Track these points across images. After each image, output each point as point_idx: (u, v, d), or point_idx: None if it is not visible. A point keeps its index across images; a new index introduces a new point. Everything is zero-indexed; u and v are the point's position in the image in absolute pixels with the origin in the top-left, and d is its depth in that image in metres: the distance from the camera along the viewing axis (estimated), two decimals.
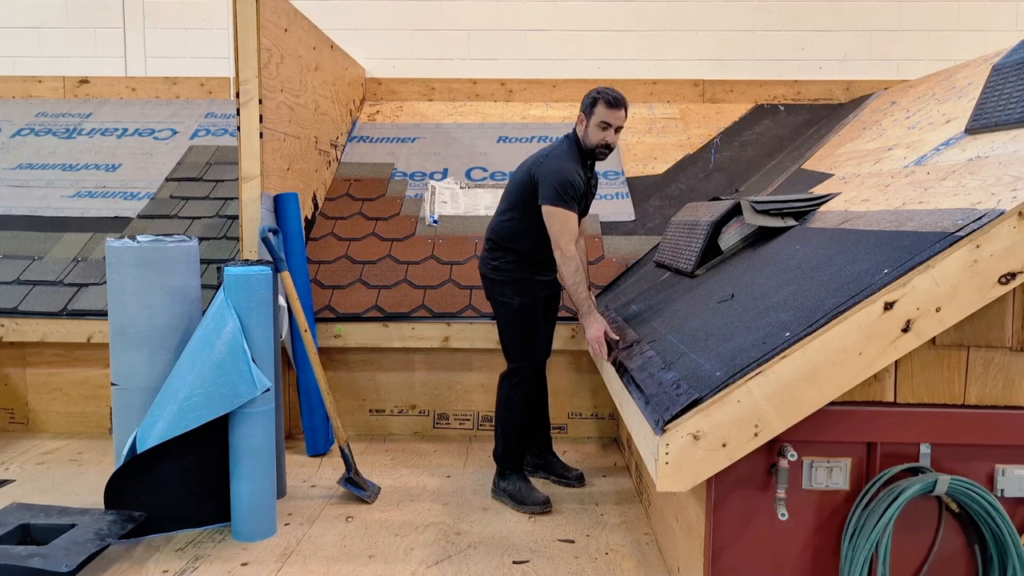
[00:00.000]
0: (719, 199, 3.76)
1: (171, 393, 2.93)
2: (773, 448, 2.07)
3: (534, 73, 5.82)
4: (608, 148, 3.22)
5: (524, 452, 3.50)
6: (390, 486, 3.57)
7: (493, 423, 3.56)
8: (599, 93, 3.19)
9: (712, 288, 2.83)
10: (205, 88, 5.91)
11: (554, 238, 3.14)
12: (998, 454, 2.10)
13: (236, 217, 4.52)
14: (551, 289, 3.47)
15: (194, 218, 4.64)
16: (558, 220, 3.13)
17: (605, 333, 3.01)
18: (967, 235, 1.88)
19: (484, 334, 4.08)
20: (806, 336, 1.91)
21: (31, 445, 4.08)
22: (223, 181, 4.93)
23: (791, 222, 2.96)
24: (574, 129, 3.30)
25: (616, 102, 3.16)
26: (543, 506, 3.27)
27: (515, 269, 3.35)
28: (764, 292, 2.39)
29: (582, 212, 3.32)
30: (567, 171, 3.16)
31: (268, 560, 2.84)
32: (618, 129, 3.22)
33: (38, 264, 4.39)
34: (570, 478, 3.58)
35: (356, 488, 3.41)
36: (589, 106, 3.20)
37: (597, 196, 4.74)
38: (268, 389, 2.94)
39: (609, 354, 2.92)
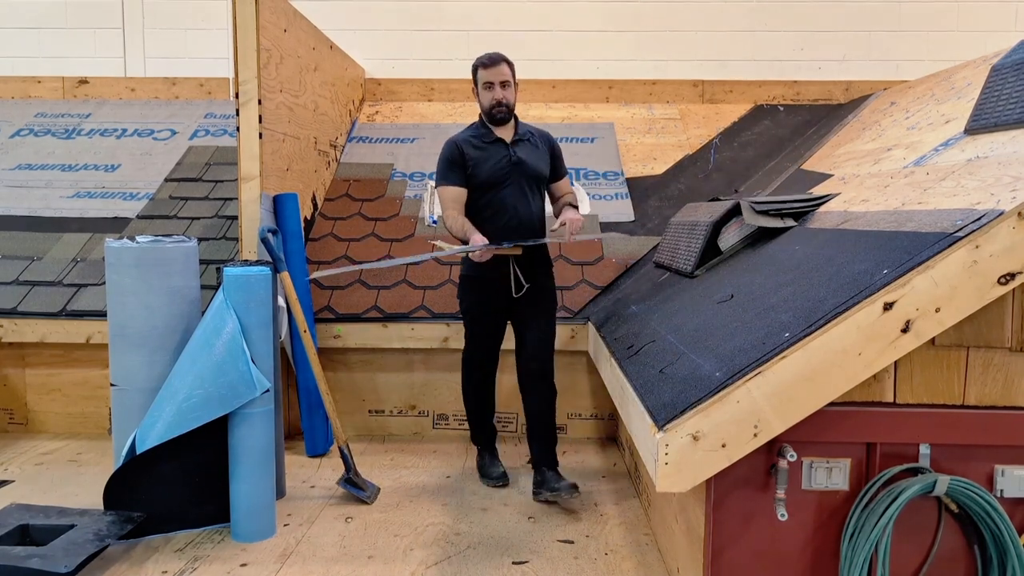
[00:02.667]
0: (719, 199, 3.76)
1: (170, 394, 2.93)
2: (773, 448, 2.07)
3: (534, 73, 5.81)
4: (501, 105, 3.35)
5: (487, 432, 3.70)
6: (390, 486, 3.56)
7: None
8: (476, 61, 3.41)
9: (712, 288, 2.83)
10: (204, 88, 5.91)
11: None
12: (997, 454, 2.10)
13: (235, 217, 4.51)
14: (504, 289, 3.38)
15: (193, 218, 4.64)
16: (439, 199, 3.45)
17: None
18: (966, 235, 1.88)
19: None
20: (805, 336, 1.91)
21: (30, 445, 4.08)
22: (222, 181, 4.92)
23: (791, 222, 2.96)
24: None
25: (490, 60, 3.35)
26: (495, 480, 3.53)
27: (464, 263, 3.49)
28: (763, 292, 2.39)
29: (487, 177, 3.36)
30: (444, 149, 3.42)
31: (267, 561, 2.84)
32: (505, 84, 3.35)
33: (37, 264, 4.39)
34: (560, 488, 3.25)
35: (355, 488, 3.41)
36: (473, 75, 3.43)
37: (596, 196, 4.72)
38: (268, 390, 2.94)
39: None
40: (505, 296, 3.41)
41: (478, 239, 3.21)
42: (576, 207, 3.52)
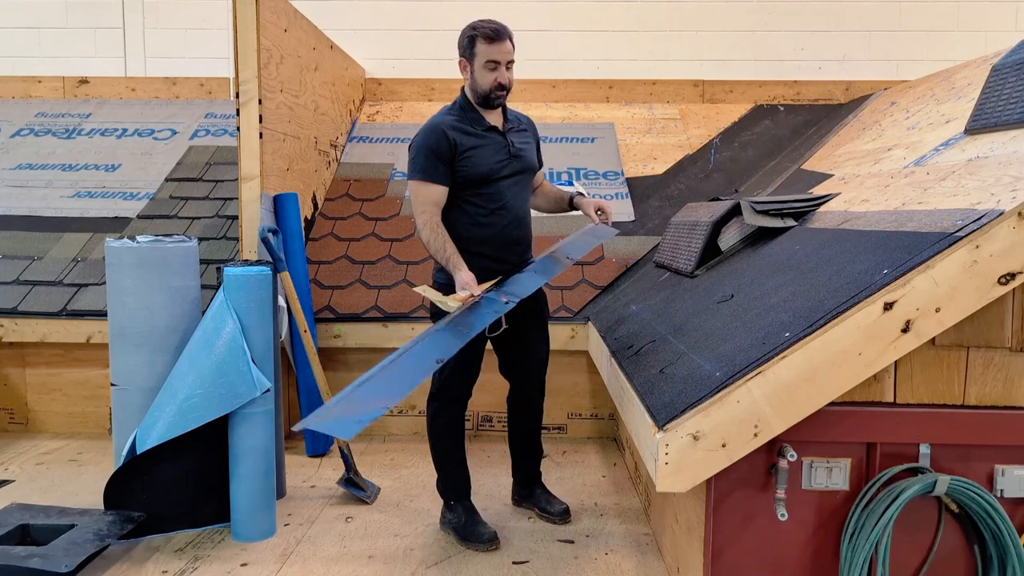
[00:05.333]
0: (719, 199, 3.76)
1: (171, 393, 2.93)
2: (773, 448, 2.07)
3: (534, 73, 5.81)
4: (504, 89, 2.85)
5: (466, 478, 3.08)
6: (390, 486, 3.57)
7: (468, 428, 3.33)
8: (475, 29, 2.83)
9: (712, 288, 2.83)
10: (205, 88, 5.91)
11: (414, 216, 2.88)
12: (998, 454, 2.10)
13: (236, 217, 4.51)
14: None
15: (194, 218, 4.64)
16: (411, 193, 2.88)
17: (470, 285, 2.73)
18: (967, 235, 1.88)
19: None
20: (806, 336, 1.91)
21: (31, 445, 4.08)
22: (223, 181, 4.92)
23: (791, 222, 2.96)
24: (462, 87, 2.95)
25: (496, 34, 2.80)
26: (488, 544, 2.89)
27: (441, 272, 2.94)
28: (764, 292, 2.39)
29: (488, 170, 2.88)
30: (426, 135, 2.83)
31: (268, 560, 2.84)
32: (510, 64, 2.84)
33: (38, 264, 4.39)
34: (553, 513, 3.16)
35: (356, 488, 3.41)
36: (467, 47, 2.84)
37: (596, 196, 4.67)
38: (268, 390, 2.94)
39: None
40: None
41: (465, 277, 2.72)
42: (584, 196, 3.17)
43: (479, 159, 2.87)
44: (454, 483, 3.07)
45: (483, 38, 2.82)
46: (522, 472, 3.33)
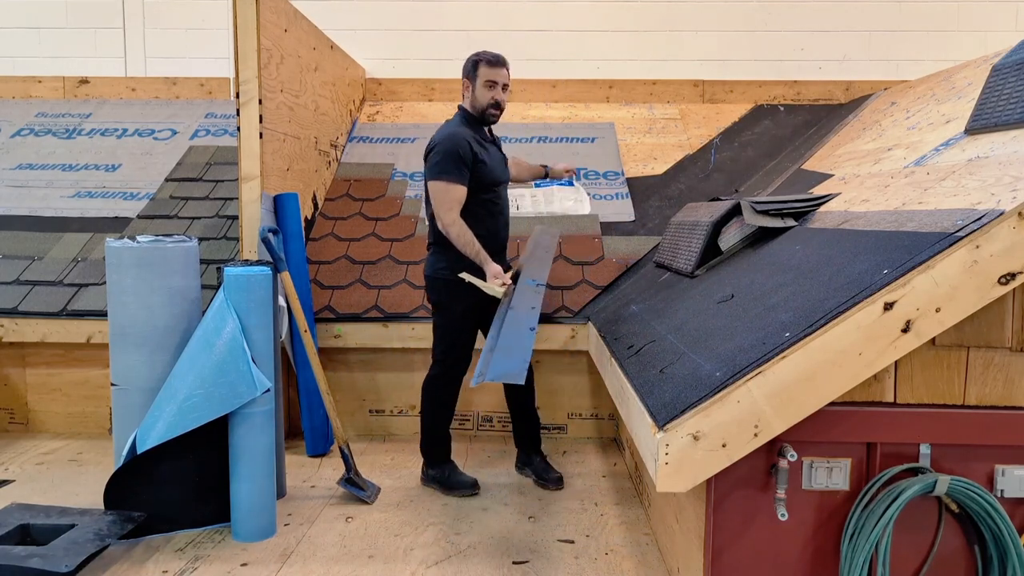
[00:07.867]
0: (719, 199, 3.76)
1: (171, 393, 2.93)
2: (773, 448, 2.07)
3: (534, 73, 5.82)
4: (498, 107, 3.33)
5: (449, 443, 3.55)
6: (390, 486, 3.57)
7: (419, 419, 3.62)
8: (478, 56, 3.31)
9: (712, 288, 2.83)
10: (205, 88, 5.91)
11: (436, 213, 3.26)
12: (998, 454, 2.10)
13: (236, 217, 4.52)
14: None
15: (194, 218, 4.64)
16: (438, 192, 3.24)
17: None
18: (967, 235, 1.88)
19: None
20: (806, 336, 1.91)
21: (31, 445, 4.08)
22: (223, 181, 4.93)
23: (791, 222, 2.96)
24: (459, 106, 3.43)
25: (497, 60, 3.28)
26: (470, 489, 3.37)
27: (452, 265, 3.32)
28: (764, 292, 2.39)
29: (496, 176, 3.40)
30: (449, 141, 3.23)
31: (268, 560, 2.84)
32: (505, 87, 3.32)
33: (38, 264, 4.39)
34: (548, 479, 3.54)
35: (356, 488, 3.41)
36: (471, 70, 3.31)
37: (596, 196, 4.77)
38: (268, 389, 2.94)
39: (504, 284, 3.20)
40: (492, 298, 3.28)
41: (496, 268, 3.22)
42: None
43: (490, 167, 3.34)
44: (440, 446, 3.51)
45: (485, 63, 3.31)
46: (523, 438, 3.69)
